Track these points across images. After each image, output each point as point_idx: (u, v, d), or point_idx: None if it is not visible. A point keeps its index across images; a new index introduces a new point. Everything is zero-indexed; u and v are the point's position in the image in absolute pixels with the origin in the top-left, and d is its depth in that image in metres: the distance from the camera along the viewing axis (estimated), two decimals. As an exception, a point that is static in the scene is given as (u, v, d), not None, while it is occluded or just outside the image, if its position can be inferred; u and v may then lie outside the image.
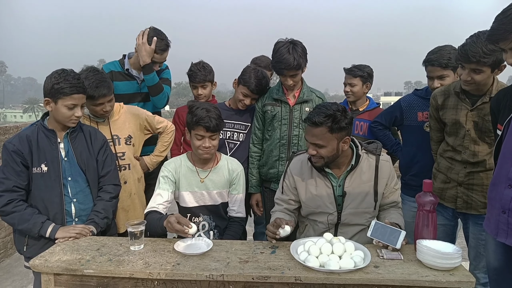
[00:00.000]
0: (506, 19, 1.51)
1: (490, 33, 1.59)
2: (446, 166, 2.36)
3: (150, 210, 2.16)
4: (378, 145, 2.15)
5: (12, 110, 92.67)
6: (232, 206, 2.36)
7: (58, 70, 2.05)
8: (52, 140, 2.07)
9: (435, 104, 2.38)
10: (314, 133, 1.96)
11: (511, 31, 1.50)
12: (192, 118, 2.14)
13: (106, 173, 2.21)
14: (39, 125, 2.08)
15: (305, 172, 2.13)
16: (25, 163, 2.01)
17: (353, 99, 3.09)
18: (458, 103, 2.27)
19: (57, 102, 1.99)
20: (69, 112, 2.02)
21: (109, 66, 2.95)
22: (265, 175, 2.76)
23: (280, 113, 2.64)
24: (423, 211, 1.80)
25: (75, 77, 2.01)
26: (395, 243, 1.76)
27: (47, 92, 2.00)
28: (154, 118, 2.74)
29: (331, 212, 2.07)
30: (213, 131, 2.14)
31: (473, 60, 2.00)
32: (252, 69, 2.76)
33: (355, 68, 3.06)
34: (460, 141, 2.27)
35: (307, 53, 2.57)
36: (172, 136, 2.86)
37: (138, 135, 2.66)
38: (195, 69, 3.00)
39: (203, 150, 2.17)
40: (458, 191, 2.31)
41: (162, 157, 2.84)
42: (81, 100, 2.05)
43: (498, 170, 1.80)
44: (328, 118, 1.91)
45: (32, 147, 2.02)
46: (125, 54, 2.99)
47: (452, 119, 2.28)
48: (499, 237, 1.76)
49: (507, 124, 1.77)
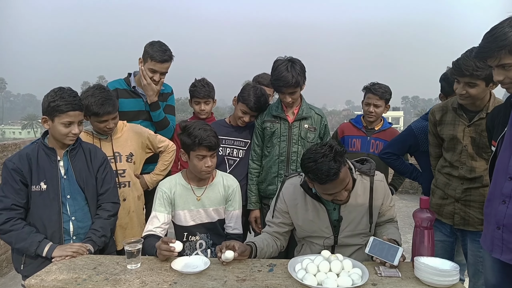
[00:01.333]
0: (492, 38, 1.56)
1: (478, 50, 1.64)
2: (443, 182, 2.36)
3: (147, 234, 2.15)
4: (371, 164, 2.13)
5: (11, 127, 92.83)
6: (229, 222, 2.35)
7: (55, 88, 2.07)
8: (52, 158, 2.07)
9: (433, 119, 2.40)
10: (337, 183, 1.87)
11: (497, 49, 1.54)
12: (193, 139, 2.11)
13: (105, 191, 2.21)
14: (40, 143, 2.10)
15: (298, 197, 2.10)
16: (25, 181, 2.02)
17: (374, 119, 3.06)
18: (455, 118, 2.29)
19: (53, 120, 2.01)
20: (66, 130, 2.03)
21: (114, 84, 2.96)
22: (264, 192, 2.76)
23: (279, 129, 2.66)
24: (420, 228, 1.80)
25: (71, 95, 2.03)
26: (393, 260, 1.76)
27: (44, 110, 2.02)
28: (156, 137, 2.76)
29: (327, 236, 2.07)
30: (214, 149, 2.15)
31: (466, 73, 2.04)
32: (251, 87, 2.79)
33: (379, 88, 2.99)
34: (457, 157, 2.28)
35: (305, 71, 2.60)
36: (173, 156, 2.86)
37: (139, 153, 2.67)
38: (199, 85, 3.05)
39: (206, 170, 2.16)
40: (456, 207, 2.31)
41: (162, 175, 2.84)
42: (77, 117, 2.05)
43: (492, 186, 1.81)
44: (339, 165, 1.82)
45: (32, 165, 2.03)
46: (130, 73, 3.02)
47: (449, 135, 2.30)
48: (494, 253, 1.76)
49: (500, 140, 1.79)
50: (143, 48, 2.87)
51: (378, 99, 2.98)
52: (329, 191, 1.90)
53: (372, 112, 3.02)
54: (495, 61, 1.58)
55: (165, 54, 2.82)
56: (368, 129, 3.10)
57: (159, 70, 2.83)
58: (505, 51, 1.53)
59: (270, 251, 2.08)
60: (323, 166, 1.79)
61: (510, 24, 1.51)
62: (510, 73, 1.58)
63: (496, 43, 1.53)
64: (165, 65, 2.86)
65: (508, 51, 1.52)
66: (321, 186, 1.87)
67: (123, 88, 2.94)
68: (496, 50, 1.55)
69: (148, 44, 2.85)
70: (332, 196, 1.92)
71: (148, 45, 2.85)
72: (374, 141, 3.04)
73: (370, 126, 3.10)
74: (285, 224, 2.16)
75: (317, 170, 1.81)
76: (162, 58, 2.80)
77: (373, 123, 3.09)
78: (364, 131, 3.10)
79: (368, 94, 3.04)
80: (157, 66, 2.81)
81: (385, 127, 3.10)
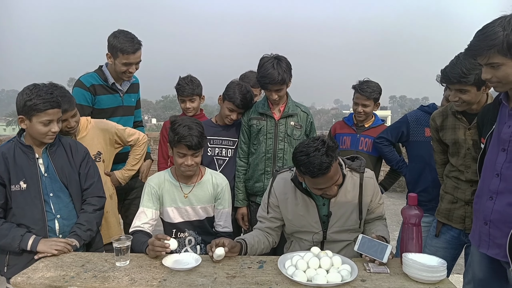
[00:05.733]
0: (482, 36, 1.58)
1: (468, 48, 1.66)
2: (452, 186, 2.33)
3: (135, 230, 2.13)
4: (361, 162, 2.14)
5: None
6: (219, 221, 2.34)
7: (29, 85, 1.98)
8: (30, 156, 2.01)
9: (434, 125, 2.39)
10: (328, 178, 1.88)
11: (486, 48, 1.56)
12: (174, 136, 2.10)
13: (89, 186, 2.17)
14: (16, 141, 2.03)
15: (288, 191, 2.12)
16: (2, 181, 1.95)
17: (363, 118, 3.09)
18: (456, 122, 2.28)
19: (31, 120, 1.93)
20: (45, 128, 1.96)
21: (89, 79, 2.78)
22: (251, 189, 2.76)
23: (266, 127, 2.67)
24: (408, 224, 1.82)
25: (48, 92, 1.95)
26: (382, 257, 1.78)
27: (20, 109, 1.93)
28: (124, 130, 2.65)
29: (316, 232, 2.08)
30: (195, 149, 2.11)
31: (454, 81, 2.06)
32: (236, 84, 2.78)
33: (367, 88, 2.99)
34: (462, 161, 2.26)
35: (291, 68, 2.61)
36: (145, 149, 2.79)
37: (108, 150, 2.58)
38: (183, 83, 3.01)
39: (185, 167, 2.15)
40: (466, 211, 2.26)
41: (134, 170, 2.78)
42: (56, 114, 1.98)
43: (481, 182, 1.84)
44: (330, 160, 1.84)
45: (9, 164, 1.96)
46: (101, 65, 2.87)
47: (452, 139, 2.29)
48: (481, 248, 1.79)
49: (489, 137, 1.82)
50: (107, 41, 2.72)
51: (366, 99, 3.00)
52: (320, 186, 1.91)
53: (361, 112, 3.04)
54: (484, 60, 1.60)
55: (134, 43, 2.70)
56: (358, 127, 3.12)
57: (133, 61, 2.74)
58: (494, 50, 1.55)
59: (261, 247, 2.08)
60: (315, 160, 1.81)
61: (501, 23, 1.53)
62: (498, 72, 1.60)
63: (486, 42, 1.55)
64: (138, 54, 2.75)
65: (497, 51, 1.54)
66: (312, 180, 1.88)
67: (99, 84, 2.80)
68: (485, 49, 1.57)
69: (112, 37, 2.70)
70: (322, 190, 1.94)
71: (112, 38, 2.69)
72: (364, 139, 3.06)
73: (360, 124, 3.12)
74: (277, 219, 2.16)
75: (309, 163, 1.81)
76: (133, 48, 2.69)
77: (363, 120, 3.11)
78: (354, 128, 3.12)
79: (357, 94, 3.05)
80: (130, 58, 2.71)
81: (376, 123, 3.13)
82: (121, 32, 2.73)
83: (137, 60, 2.78)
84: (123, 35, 2.69)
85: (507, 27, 1.51)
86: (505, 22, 1.52)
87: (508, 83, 1.62)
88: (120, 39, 2.67)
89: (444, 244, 2.38)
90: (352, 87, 3.11)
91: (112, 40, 2.69)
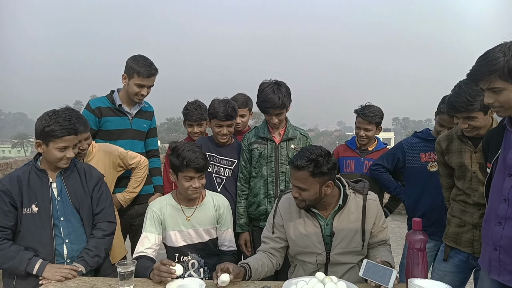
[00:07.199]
0: (484, 62, 1.61)
1: (470, 72, 1.69)
2: (459, 210, 2.31)
3: (139, 255, 2.13)
4: (365, 184, 2.16)
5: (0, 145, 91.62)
6: (223, 241, 2.35)
7: (49, 111, 2.04)
8: (43, 180, 2.05)
9: (440, 149, 2.39)
10: (296, 176, 1.99)
11: (488, 73, 1.59)
12: (181, 161, 2.12)
13: (100, 210, 2.18)
14: (31, 165, 2.07)
15: (293, 211, 2.13)
16: (14, 204, 1.98)
17: (366, 142, 3.10)
18: (461, 146, 2.28)
19: (48, 145, 1.98)
20: (61, 154, 2.00)
21: (96, 102, 2.90)
22: (253, 214, 2.75)
23: (267, 150, 2.69)
24: (413, 249, 1.81)
25: (66, 119, 2.00)
26: (387, 283, 1.75)
27: (38, 134, 1.99)
28: (127, 154, 2.72)
29: (319, 252, 2.06)
30: (202, 171, 2.15)
31: (462, 110, 2.08)
32: (214, 101, 2.81)
33: (369, 112, 3.02)
34: (468, 184, 2.25)
35: (290, 93, 2.67)
36: (146, 171, 2.85)
37: (110, 172, 2.63)
38: (191, 108, 3.06)
39: (193, 190, 2.17)
40: (474, 234, 2.23)
41: (136, 193, 2.82)
42: (72, 141, 2.04)
43: (489, 207, 1.83)
44: (310, 162, 1.94)
45: (23, 187, 2.00)
46: (113, 90, 2.97)
47: (457, 163, 2.29)
48: (491, 274, 1.76)
49: (495, 162, 1.82)
50: (125, 64, 2.84)
51: (368, 123, 3.02)
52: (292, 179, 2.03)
53: (363, 136, 3.07)
54: (486, 84, 1.63)
55: (152, 69, 2.83)
56: (362, 150, 3.13)
57: (146, 84, 2.83)
58: (495, 75, 1.57)
59: (265, 270, 2.07)
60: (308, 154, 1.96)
61: (501, 50, 1.56)
62: (499, 97, 1.62)
63: (488, 67, 1.58)
64: (152, 79, 2.87)
65: (498, 76, 1.57)
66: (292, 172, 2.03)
67: (106, 106, 2.88)
68: (487, 74, 1.59)
69: (131, 60, 2.82)
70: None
71: (131, 60, 2.82)
72: (368, 162, 3.07)
73: (364, 147, 3.14)
74: (282, 239, 2.16)
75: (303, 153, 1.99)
76: (149, 73, 2.80)
77: (366, 144, 3.13)
78: (358, 152, 3.13)
79: (359, 118, 3.08)
80: (144, 81, 2.81)
81: (379, 147, 3.14)
82: (141, 56, 2.86)
83: (150, 84, 2.88)
84: (143, 59, 2.83)
85: (508, 53, 1.54)
86: (506, 48, 1.55)
87: (510, 108, 1.64)
88: (139, 63, 2.80)
89: (453, 268, 2.34)
90: (354, 111, 3.14)
91: (131, 62, 2.81)
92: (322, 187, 1.98)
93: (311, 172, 1.94)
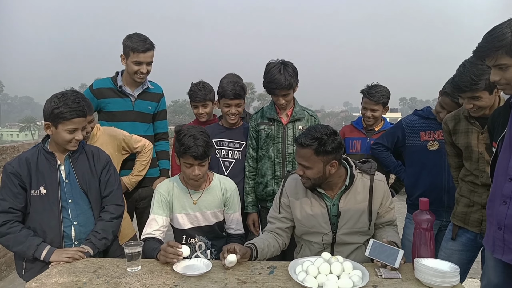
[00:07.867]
0: (490, 38, 1.57)
1: (476, 49, 1.65)
2: (468, 190, 2.29)
3: (146, 237, 2.15)
4: (372, 164, 2.15)
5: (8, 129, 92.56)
6: (230, 224, 2.36)
7: (58, 93, 2.04)
8: (51, 162, 2.06)
9: (447, 129, 2.36)
10: (300, 154, 1.98)
11: (494, 49, 1.56)
12: (180, 147, 2.11)
13: (108, 193, 2.19)
14: (40, 147, 2.08)
15: (299, 191, 2.13)
16: (23, 185, 2.01)
17: (372, 123, 3.07)
18: (468, 127, 2.25)
19: (57, 127, 1.99)
20: (70, 136, 2.01)
21: (98, 83, 2.88)
22: (261, 194, 2.76)
23: (274, 131, 2.68)
24: (420, 229, 1.81)
25: (75, 101, 2.00)
26: (394, 262, 1.76)
27: (47, 116, 2.00)
28: (131, 138, 2.72)
29: (326, 232, 2.07)
30: (201, 159, 2.12)
31: (466, 89, 2.03)
32: (222, 80, 2.79)
33: (376, 92, 2.97)
34: (475, 165, 2.22)
35: (297, 73, 2.62)
36: (150, 155, 2.85)
37: (115, 156, 2.63)
38: (195, 89, 3.04)
39: (192, 178, 2.16)
40: (483, 214, 2.20)
41: (141, 176, 2.83)
42: (81, 123, 2.04)
43: (493, 187, 1.81)
44: (315, 140, 1.93)
45: (31, 169, 2.02)
46: (118, 71, 2.95)
47: (464, 143, 2.26)
48: (495, 254, 1.76)
49: (500, 141, 1.80)
50: (122, 44, 2.83)
51: (375, 104, 2.98)
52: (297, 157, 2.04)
53: (369, 117, 3.03)
54: (492, 61, 1.59)
55: (146, 43, 2.79)
56: (368, 130, 3.10)
57: (143, 60, 2.79)
58: (502, 51, 1.54)
59: (271, 250, 2.09)
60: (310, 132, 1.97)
61: (509, 25, 1.52)
62: (506, 74, 1.59)
63: (494, 43, 1.55)
64: (149, 54, 2.82)
65: (505, 52, 1.54)
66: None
67: (108, 87, 2.86)
68: (493, 50, 1.56)
69: (126, 38, 2.80)
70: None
71: (126, 39, 2.80)
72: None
73: (370, 128, 3.11)
74: (288, 219, 2.17)
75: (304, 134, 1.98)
76: (144, 47, 2.77)
77: (372, 124, 3.10)
78: (364, 132, 3.11)
79: (365, 98, 3.04)
80: (141, 57, 2.77)
81: (386, 127, 3.10)
82: (135, 33, 2.83)
83: (148, 60, 2.83)
84: (136, 35, 2.80)
85: None
86: None
87: None
88: (133, 39, 2.78)
89: (460, 247, 2.34)
90: (361, 91, 3.09)
91: (126, 41, 2.80)
92: (326, 166, 1.97)
93: (314, 150, 1.93)
